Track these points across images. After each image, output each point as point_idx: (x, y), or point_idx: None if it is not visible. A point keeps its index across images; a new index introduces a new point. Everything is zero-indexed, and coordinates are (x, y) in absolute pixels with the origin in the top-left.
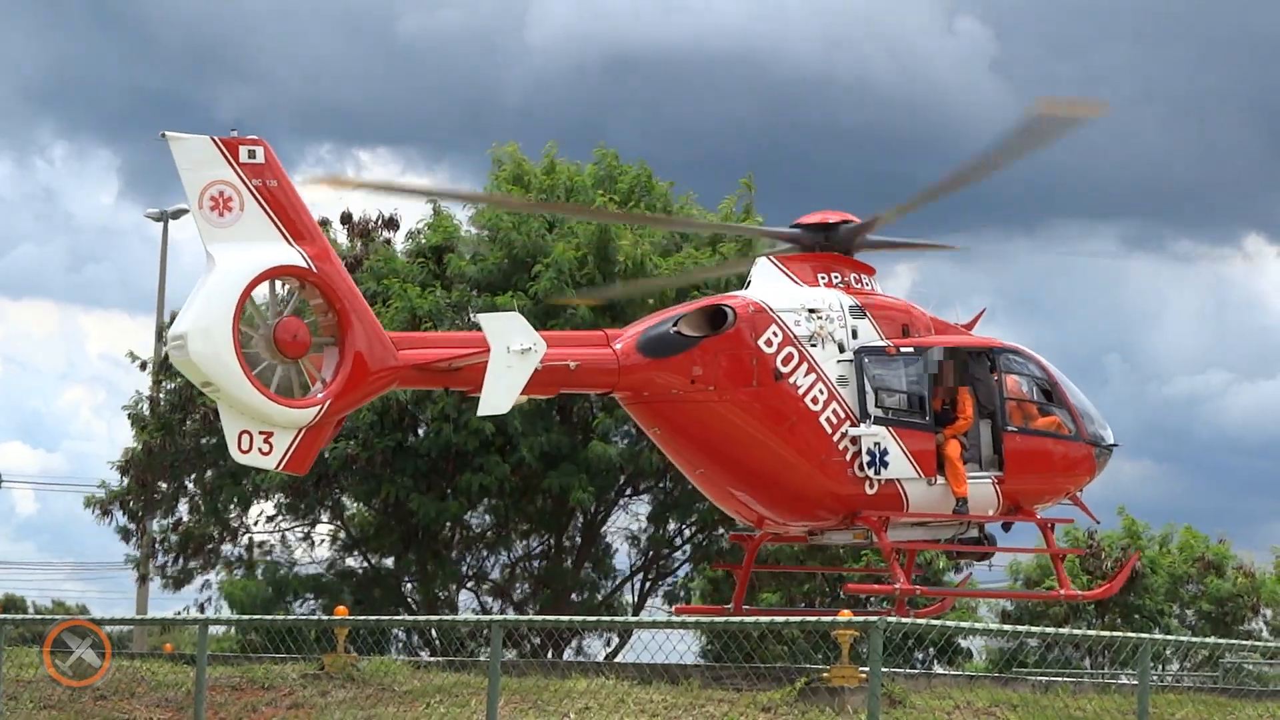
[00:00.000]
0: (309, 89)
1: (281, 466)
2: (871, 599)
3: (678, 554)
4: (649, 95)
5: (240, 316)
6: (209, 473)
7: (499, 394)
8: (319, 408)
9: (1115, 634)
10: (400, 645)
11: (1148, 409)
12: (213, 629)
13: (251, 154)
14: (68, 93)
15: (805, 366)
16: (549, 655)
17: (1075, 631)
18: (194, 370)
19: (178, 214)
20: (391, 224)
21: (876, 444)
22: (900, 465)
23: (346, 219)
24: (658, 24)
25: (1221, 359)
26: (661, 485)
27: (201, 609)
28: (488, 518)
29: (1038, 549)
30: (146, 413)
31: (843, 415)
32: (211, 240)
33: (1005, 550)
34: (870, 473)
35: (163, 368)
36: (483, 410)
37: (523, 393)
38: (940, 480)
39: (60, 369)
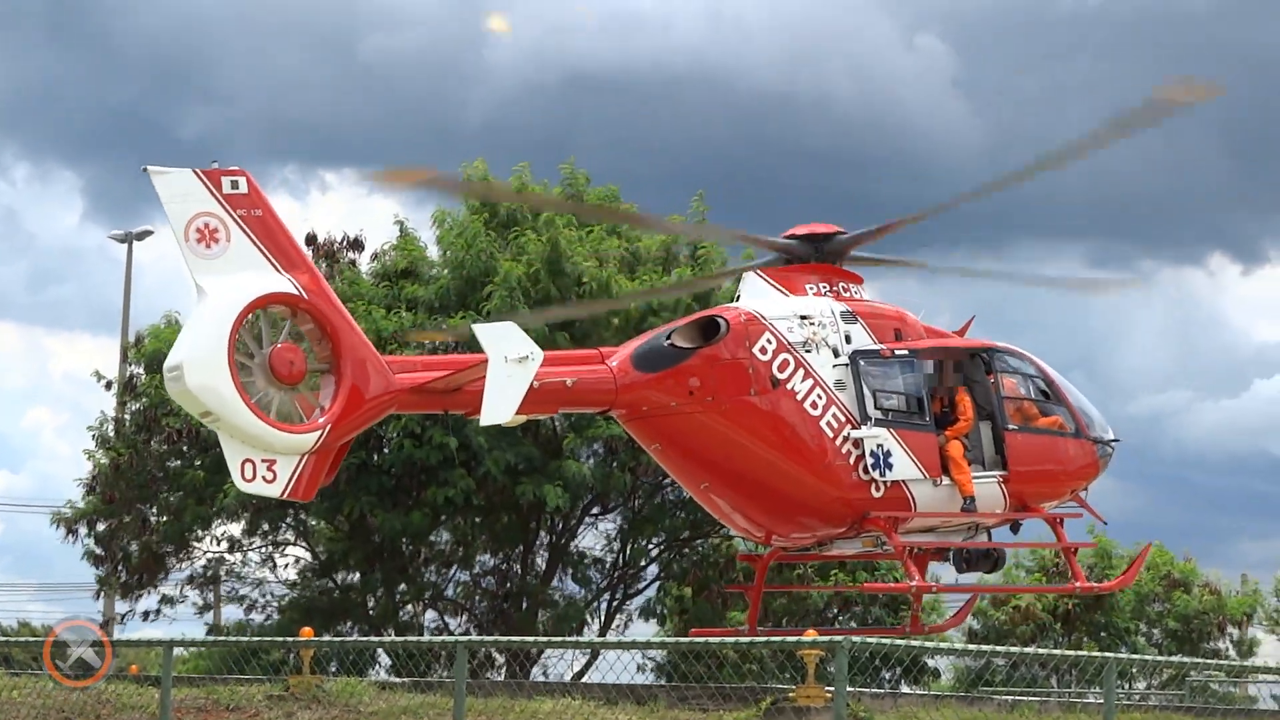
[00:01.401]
0: (272, 109)
1: (287, 493)
2: (840, 617)
3: (644, 574)
4: (610, 114)
5: (235, 345)
6: (173, 497)
7: (500, 402)
8: (320, 432)
9: (1081, 653)
10: (363, 664)
11: (1112, 427)
12: (177, 651)
13: (234, 184)
14: (31, 114)
15: (802, 372)
16: (513, 675)
17: (1041, 650)
18: (192, 401)
19: (142, 235)
20: (356, 245)
21: (879, 445)
22: (905, 466)
23: (311, 240)
24: (617, 44)
25: (1185, 377)
26: (630, 505)
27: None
28: (445, 536)
29: (1047, 544)
30: (112, 433)
31: (843, 419)
32: (200, 272)
33: (1013, 545)
34: (876, 475)
35: (127, 388)
36: (485, 420)
37: (523, 411)
38: (946, 481)
39: (24, 390)
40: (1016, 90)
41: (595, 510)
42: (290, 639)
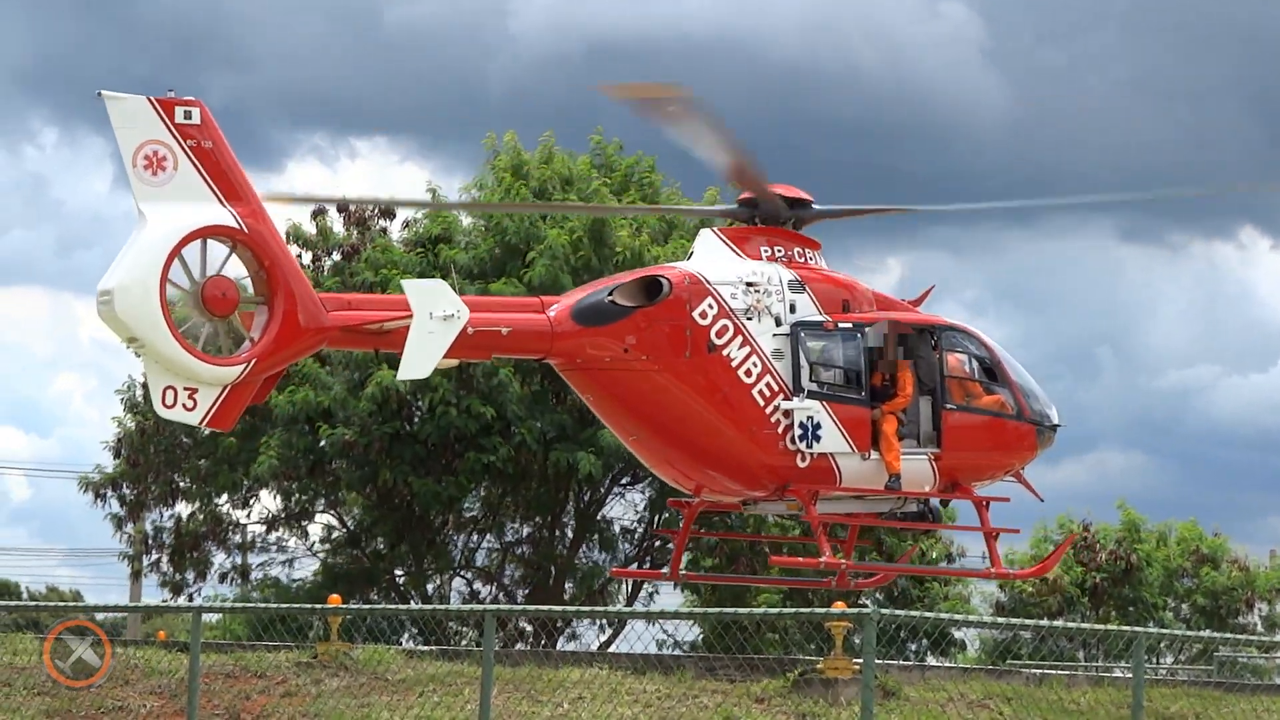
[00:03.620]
0: (297, 77)
1: (205, 422)
2: (865, 590)
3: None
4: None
5: (168, 274)
6: (203, 461)
7: (420, 359)
8: (244, 365)
9: (1110, 627)
10: (393, 631)
11: (1139, 401)
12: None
13: (187, 114)
14: (59, 79)
15: (740, 339)
16: (542, 643)
17: (1070, 625)
18: (120, 325)
19: None
20: (388, 213)
21: (809, 418)
22: (833, 439)
23: (343, 207)
24: (640, 13)
25: (1213, 352)
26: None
27: (190, 598)
28: (479, 504)
29: (973, 527)
30: (140, 397)
31: (776, 388)
32: (144, 199)
33: (944, 528)
34: (802, 446)
35: None
36: (402, 374)
37: (456, 356)
38: (874, 455)
39: (52, 355)
40: (1044, 59)
41: (625, 480)
42: (318, 606)
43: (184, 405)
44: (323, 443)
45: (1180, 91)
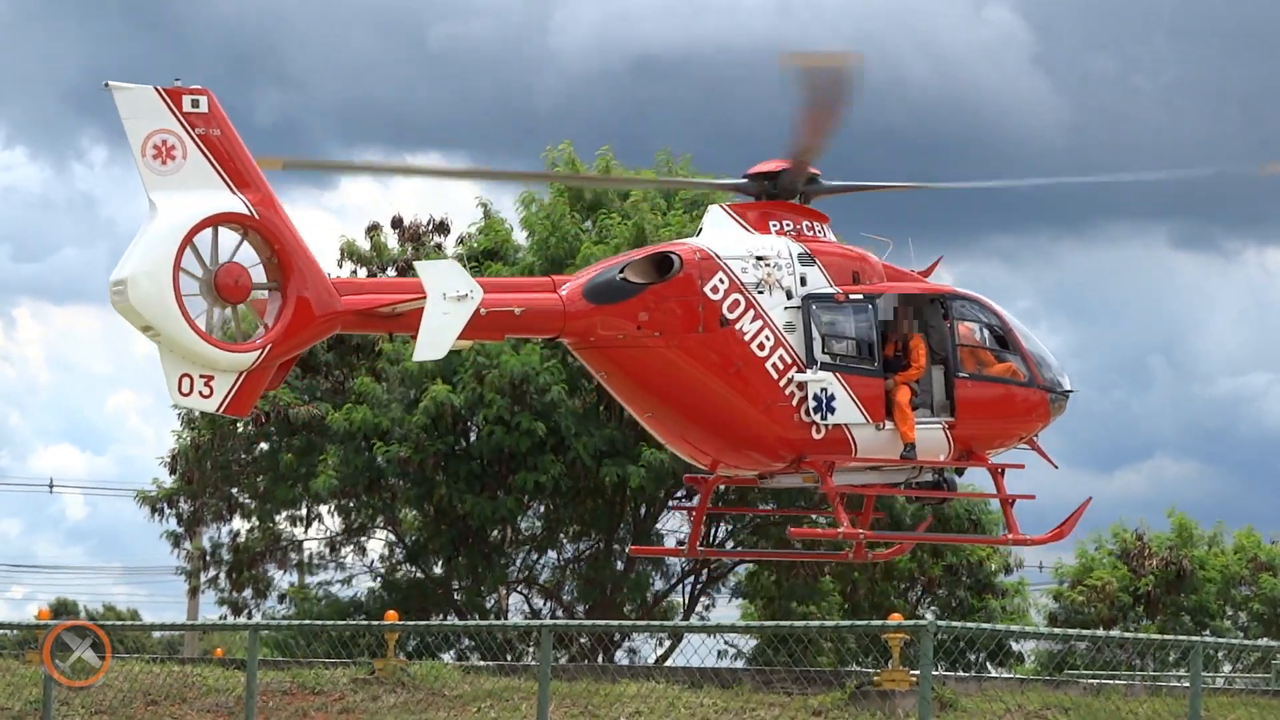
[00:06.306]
0: (347, 94)
1: (222, 409)
2: (923, 598)
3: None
4: (680, 97)
5: (181, 262)
6: (260, 479)
7: (435, 340)
8: (259, 351)
9: (1167, 636)
10: (449, 648)
11: (1192, 410)
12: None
13: (195, 103)
14: (109, 98)
15: (752, 313)
16: (599, 658)
17: (1128, 635)
18: (134, 315)
19: None
20: (442, 228)
21: (823, 389)
22: (848, 410)
23: (397, 223)
24: (684, 26)
25: (1266, 359)
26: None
27: (250, 615)
28: (537, 522)
29: (986, 494)
30: (198, 412)
31: (789, 361)
32: (154, 188)
33: (960, 496)
34: (817, 418)
35: None
36: (418, 355)
37: (469, 337)
38: (889, 425)
39: (106, 373)
40: (1093, 65)
41: (680, 493)
42: (376, 623)
43: (200, 393)
44: (379, 459)
45: (1232, 95)
